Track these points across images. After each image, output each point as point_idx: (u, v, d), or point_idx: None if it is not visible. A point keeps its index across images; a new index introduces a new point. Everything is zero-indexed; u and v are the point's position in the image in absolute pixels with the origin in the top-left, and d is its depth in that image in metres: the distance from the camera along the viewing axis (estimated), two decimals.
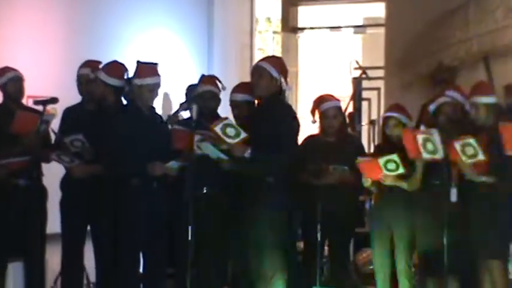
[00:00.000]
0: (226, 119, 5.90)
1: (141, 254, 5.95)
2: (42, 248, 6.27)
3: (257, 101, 6.13)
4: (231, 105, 6.45)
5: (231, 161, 5.88)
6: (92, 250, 6.30)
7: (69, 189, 6.33)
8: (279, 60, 6.21)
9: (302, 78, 13.10)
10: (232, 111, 6.44)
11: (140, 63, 5.97)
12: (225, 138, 5.75)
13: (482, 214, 5.69)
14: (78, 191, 6.23)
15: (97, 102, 6.26)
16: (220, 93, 6.38)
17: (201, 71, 9.31)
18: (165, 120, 6.43)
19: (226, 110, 6.45)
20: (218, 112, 6.36)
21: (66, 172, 6.33)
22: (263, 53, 12.91)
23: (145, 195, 5.83)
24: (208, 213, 6.08)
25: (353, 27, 13.11)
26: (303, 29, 13.07)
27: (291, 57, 12.69)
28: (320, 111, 6.39)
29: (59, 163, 6.22)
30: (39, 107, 6.11)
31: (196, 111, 5.76)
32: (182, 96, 7.79)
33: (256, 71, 6.01)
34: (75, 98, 6.50)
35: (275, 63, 6.05)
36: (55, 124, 6.38)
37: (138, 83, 5.91)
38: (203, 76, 6.58)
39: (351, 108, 10.36)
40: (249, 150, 5.76)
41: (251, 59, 12.68)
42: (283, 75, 5.96)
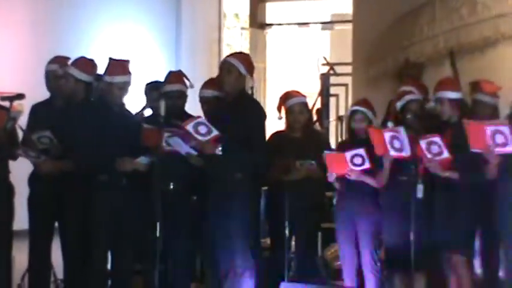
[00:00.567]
0: (198, 117, 5.91)
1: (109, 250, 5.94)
2: (9, 244, 6.22)
3: (224, 96, 6.14)
4: (200, 101, 6.46)
5: (201, 157, 5.90)
6: (60, 247, 6.28)
7: (37, 185, 6.29)
8: (247, 57, 6.23)
9: (270, 74, 13.11)
10: (202, 107, 6.44)
11: (112, 60, 5.94)
12: (197, 136, 5.77)
13: (446, 209, 5.73)
14: (46, 187, 6.19)
15: (65, 98, 6.23)
16: (187, 90, 6.38)
17: (169, 66, 9.31)
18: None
19: (194, 106, 6.44)
20: (186, 110, 6.36)
21: (34, 168, 6.30)
22: (231, 49, 12.91)
23: (113, 191, 5.83)
24: (176, 209, 6.08)
25: (321, 23, 13.14)
26: (271, 25, 13.08)
27: (258, 53, 12.71)
28: (286, 107, 6.42)
29: (26, 158, 6.18)
30: (6, 103, 6.07)
31: (164, 108, 5.76)
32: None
33: (225, 67, 6.02)
34: (43, 94, 6.46)
35: (243, 59, 6.07)
36: (22, 121, 6.34)
37: (109, 80, 5.89)
38: (170, 73, 6.57)
39: (318, 104, 10.40)
40: (220, 148, 5.78)
41: (219, 55, 12.67)
42: (250, 72, 6.00)
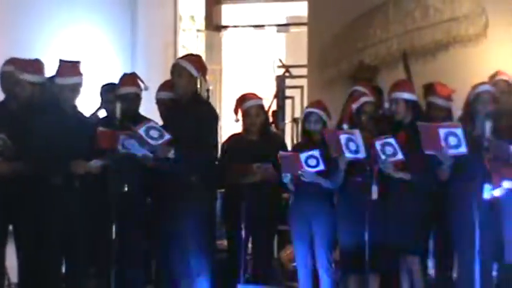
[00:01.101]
0: (149, 121, 5.89)
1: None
2: None
3: (177, 99, 6.12)
4: (157, 103, 6.45)
5: (155, 160, 5.89)
6: (13, 250, 6.21)
7: None
8: (198, 59, 6.22)
9: (226, 77, 13.08)
10: (159, 108, 6.44)
11: (62, 61, 5.90)
12: (148, 140, 5.75)
13: (400, 210, 5.78)
14: (0, 189, 6.13)
15: (20, 100, 6.17)
16: (142, 92, 6.36)
17: (124, 68, 9.23)
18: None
19: (150, 108, 6.43)
20: (140, 112, 6.34)
21: None
22: (187, 51, 12.83)
23: (66, 193, 5.79)
24: (131, 211, 6.06)
25: (276, 25, 13.15)
26: (227, 27, 13.06)
27: (214, 55, 12.67)
28: (242, 110, 6.43)
29: None
30: None
31: (119, 110, 5.74)
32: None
33: (176, 70, 6.02)
34: None
35: (194, 61, 6.06)
36: None
37: (60, 82, 5.86)
38: (124, 75, 6.53)
39: (274, 106, 10.42)
40: (173, 151, 5.77)
41: (175, 57, 12.57)
42: (203, 74, 6.00)
